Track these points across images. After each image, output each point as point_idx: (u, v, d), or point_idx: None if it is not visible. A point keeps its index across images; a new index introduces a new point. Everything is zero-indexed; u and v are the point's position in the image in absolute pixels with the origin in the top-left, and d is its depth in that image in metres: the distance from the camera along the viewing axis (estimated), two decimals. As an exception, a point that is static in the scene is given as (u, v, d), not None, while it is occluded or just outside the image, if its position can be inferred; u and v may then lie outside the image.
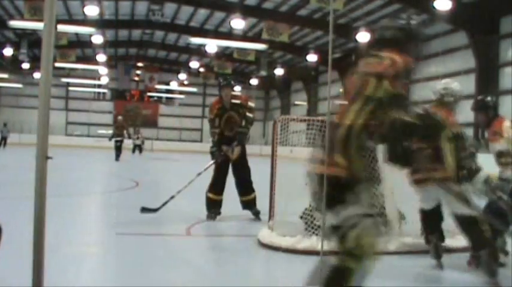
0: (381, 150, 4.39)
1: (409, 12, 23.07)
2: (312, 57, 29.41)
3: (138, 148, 29.53)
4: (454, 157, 4.01)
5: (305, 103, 37.78)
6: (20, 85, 40.74)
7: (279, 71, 35.28)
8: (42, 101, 2.51)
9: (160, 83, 43.92)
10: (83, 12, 23.97)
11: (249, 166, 6.86)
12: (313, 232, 4.88)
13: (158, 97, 45.63)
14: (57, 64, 30.74)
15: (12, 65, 35.87)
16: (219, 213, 6.58)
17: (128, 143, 24.34)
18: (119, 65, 42.20)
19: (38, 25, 20.67)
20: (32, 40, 30.30)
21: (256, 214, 6.63)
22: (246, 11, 24.12)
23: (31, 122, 35.23)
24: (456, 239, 4.87)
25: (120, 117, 24.61)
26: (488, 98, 4.74)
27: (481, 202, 4.24)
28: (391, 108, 2.43)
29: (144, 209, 6.25)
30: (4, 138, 25.93)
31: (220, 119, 6.77)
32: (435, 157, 3.84)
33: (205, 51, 30.81)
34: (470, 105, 4.78)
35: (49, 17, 2.49)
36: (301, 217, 5.22)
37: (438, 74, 23.70)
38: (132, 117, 45.10)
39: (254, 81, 40.09)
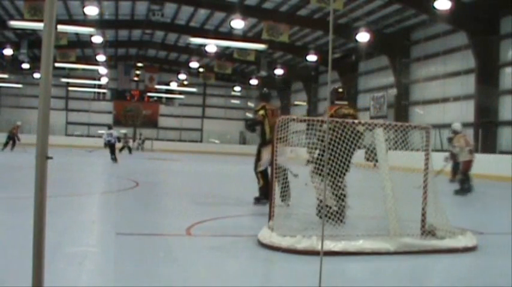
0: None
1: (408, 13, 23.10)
2: (312, 57, 29.40)
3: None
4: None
5: (305, 103, 37.78)
6: (20, 85, 40.74)
7: (279, 71, 35.28)
8: (42, 101, 2.51)
9: (160, 83, 43.93)
10: (83, 12, 23.97)
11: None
12: (333, 219, 5.20)
13: (158, 97, 45.63)
14: (57, 64, 30.76)
15: (12, 65, 35.87)
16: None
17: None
18: (119, 65, 42.21)
19: (38, 25, 20.68)
20: (32, 40, 30.30)
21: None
22: (246, 11, 24.12)
23: (31, 122, 35.26)
24: (456, 239, 4.87)
25: None
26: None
27: None
28: None
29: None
30: (13, 139, 25.49)
31: None
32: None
33: (205, 51, 30.80)
34: (469, 106, 4.86)
35: (49, 17, 2.49)
36: (318, 214, 5.57)
37: (438, 74, 23.74)
38: (132, 117, 45.13)
39: (254, 81, 40.07)
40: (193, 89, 43.79)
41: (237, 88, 44.67)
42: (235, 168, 20.36)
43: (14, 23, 24.73)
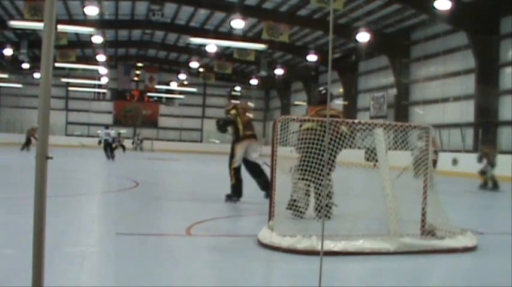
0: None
1: (408, 12, 23.08)
2: (312, 57, 29.40)
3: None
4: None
5: (305, 103, 37.78)
6: (20, 85, 40.74)
7: (279, 71, 35.27)
8: (42, 101, 2.51)
9: (160, 83, 43.92)
10: (83, 12, 23.98)
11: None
12: (299, 216, 5.50)
13: (158, 97, 45.61)
14: (57, 64, 30.75)
15: (12, 65, 35.87)
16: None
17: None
18: (118, 65, 42.20)
19: (38, 25, 20.68)
20: (32, 40, 30.30)
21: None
22: (246, 11, 24.13)
23: (31, 122, 35.28)
24: (456, 239, 4.87)
25: None
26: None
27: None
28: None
29: None
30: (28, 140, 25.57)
31: None
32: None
33: (205, 51, 30.80)
34: (469, 106, 4.91)
35: (49, 17, 2.48)
36: (287, 207, 5.71)
37: (438, 74, 23.74)
38: (132, 117, 45.13)
39: (254, 81, 40.04)
40: (193, 89, 43.77)
41: (237, 88, 44.67)
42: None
43: (14, 23, 24.74)
